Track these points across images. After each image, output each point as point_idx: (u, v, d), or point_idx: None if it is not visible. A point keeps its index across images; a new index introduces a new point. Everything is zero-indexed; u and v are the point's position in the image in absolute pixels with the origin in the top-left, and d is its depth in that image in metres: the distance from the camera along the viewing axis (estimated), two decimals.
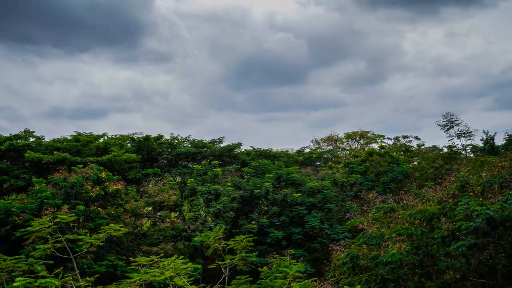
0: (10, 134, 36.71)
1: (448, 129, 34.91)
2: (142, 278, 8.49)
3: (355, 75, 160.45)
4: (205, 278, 31.58)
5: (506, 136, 36.35)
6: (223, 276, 12.44)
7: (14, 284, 8.21)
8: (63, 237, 8.61)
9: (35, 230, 8.51)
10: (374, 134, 59.41)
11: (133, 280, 8.89)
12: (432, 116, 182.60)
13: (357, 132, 60.14)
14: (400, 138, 52.79)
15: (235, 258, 11.03)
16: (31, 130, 37.77)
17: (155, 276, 8.57)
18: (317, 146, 61.76)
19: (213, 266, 14.33)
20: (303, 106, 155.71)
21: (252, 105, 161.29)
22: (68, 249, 10.88)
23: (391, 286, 17.52)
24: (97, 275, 12.23)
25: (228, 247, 12.17)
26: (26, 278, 8.15)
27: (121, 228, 8.99)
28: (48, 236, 10.38)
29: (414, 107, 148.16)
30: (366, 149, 51.93)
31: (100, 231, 9.30)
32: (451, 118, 34.55)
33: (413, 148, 50.12)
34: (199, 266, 11.88)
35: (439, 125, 35.17)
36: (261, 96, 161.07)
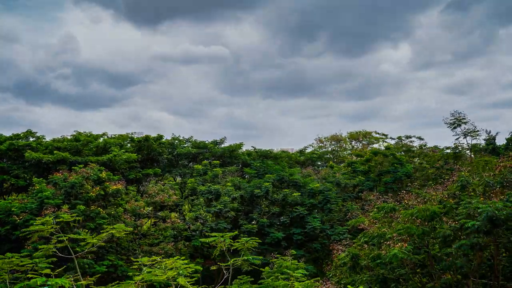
0: (12, 134, 36.73)
1: (454, 128, 34.65)
2: (145, 278, 8.45)
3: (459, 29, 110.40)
4: (205, 278, 31.56)
5: (508, 136, 36.20)
6: (225, 277, 12.37)
7: (31, 282, 8.10)
8: (65, 236, 8.55)
9: (37, 229, 8.42)
10: (378, 134, 59.37)
11: (135, 280, 8.84)
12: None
13: (360, 132, 60.16)
14: (403, 138, 52.68)
15: (239, 259, 10.94)
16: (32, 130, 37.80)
17: (157, 275, 8.55)
18: (321, 145, 61.70)
19: (215, 268, 14.26)
20: (349, 91, 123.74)
21: (287, 88, 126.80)
22: (70, 249, 10.80)
23: (392, 286, 17.48)
24: (98, 275, 12.19)
25: (232, 248, 12.10)
26: (42, 278, 8.01)
27: (124, 228, 8.90)
28: (51, 236, 10.30)
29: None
30: (368, 149, 51.92)
31: (103, 231, 9.22)
32: (458, 117, 34.29)
33: (415, 148, 50.01)
34: (200, 268, 11.81)
35: (445, 123, 34.92)
36: (306, 74, 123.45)
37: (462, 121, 34.24)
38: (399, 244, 15.66)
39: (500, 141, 37.97)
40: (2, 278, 9.77)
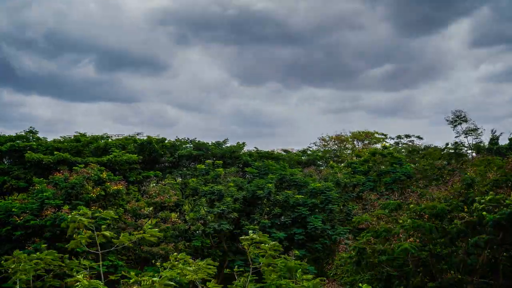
0: (16, 134, 36.85)
1: (455, 126, 34.46)
2: (173, 275, 8.35)
3: None
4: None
5: (510, 136, 36.05)
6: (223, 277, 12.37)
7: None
8: (99, 233, 8.30)
9: (76, 221, 8.23)
10: (378, 134, 59.19)
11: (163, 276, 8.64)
12: None
13: (362, 132, 59.97)
14: (403, 137, 52.62)
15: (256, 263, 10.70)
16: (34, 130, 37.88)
17: (185, 275, 8.50)
18: (324, 144, 61.21)
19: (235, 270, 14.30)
20: (385, 77, 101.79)
21: (311, 73, 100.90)
22: (98, 245, 10.68)
23: (396, 283, 17.34)
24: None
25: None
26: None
27: (157, 234, 8.73)
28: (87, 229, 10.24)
29: None
30: (369, 148, 51.78)
31: (134, 232, 9.08)
32: (460, 115, 34.11)
33: (417, 148, 49.94)
34: (215, 269, 11.59)
35: (447, 120, 34.69)
36: (340, 53, 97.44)
37: (463, 119, 34.08)
38: (411, 238, 15.56)
39: (503, 141, 37.81)
40: (24, 279, 9.43)
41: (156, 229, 10.08)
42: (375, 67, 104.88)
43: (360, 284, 12.22)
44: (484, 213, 14.74)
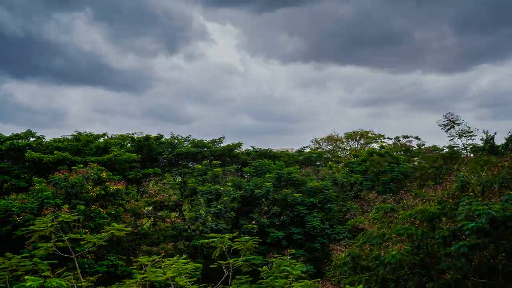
0: (12, 134, 36.91)
1: (448, 129, 34.85)
2: (148, 278, 8.56)
3: None
4: (205, 277, 31.66)
5: (507, 136, 36.28)
6: (224, 275, 12.49)
7: (27, 284, 8.13)
8: (65, 236, 8.56)
9: (38, 228, 8.47)
10: (375, 134, 59.56)
11: (136, 280, 8.92)
12: None
13: (357, 132, 60.35)
14: (401, 138, 52.95)
15: (239, 259, 11.00)
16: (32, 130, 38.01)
17: (157, 276, 8.64)
18: (317, 146, 61.88)
19: (214, 266, 14.36)
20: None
21: (345, 46, 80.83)
22: (70, 248, 10.85)
23: (391, 286, 17.52)
24: (99, 275, 12.26)
25: (232, 248, 12.16)
26: (38, 278, 8.05)
27: (124, 228, 8.92)
28: (52, 235, 10.41)
29: None
30: (366, 148, 52.05)
31: (103, 230, 9.27)
32: (451, 118, 34.47)
33: (414, 148, 50.20)
34: (200, 266, 11.90)
35: (439, 124, 35.06)
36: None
37: (455, 122, 34.39)
38: (398, 245, 15.72)
39: (499, 141, 38.02)
40: (3, 278, 9.92)
41: (123, 225, 10.21)
42: (440, 39, 77.34)
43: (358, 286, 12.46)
44: (461, 222, 14.86)
